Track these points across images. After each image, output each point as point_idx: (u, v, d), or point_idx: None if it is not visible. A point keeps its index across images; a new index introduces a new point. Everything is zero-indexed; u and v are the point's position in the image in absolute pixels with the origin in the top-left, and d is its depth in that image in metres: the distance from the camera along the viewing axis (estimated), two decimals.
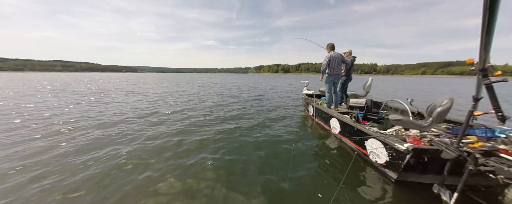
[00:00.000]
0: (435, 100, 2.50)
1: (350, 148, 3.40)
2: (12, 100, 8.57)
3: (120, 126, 4.72)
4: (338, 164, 2.97)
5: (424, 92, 15.95)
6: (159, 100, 9.26)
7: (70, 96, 10.14)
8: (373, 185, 2.41)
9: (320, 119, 4.82)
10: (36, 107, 7.12)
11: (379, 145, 2.56)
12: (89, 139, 3.81)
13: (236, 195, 2.18)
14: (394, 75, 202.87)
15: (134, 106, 7.62)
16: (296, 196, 2.20)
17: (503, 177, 1.62)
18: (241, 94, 12.31)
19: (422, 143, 2.33)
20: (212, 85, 20.44)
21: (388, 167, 2.46)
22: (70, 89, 13.67)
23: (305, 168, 2.80)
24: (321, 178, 2.57)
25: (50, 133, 4.18)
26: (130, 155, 3.13)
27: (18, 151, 3.22)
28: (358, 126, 3.07)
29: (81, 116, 5.73)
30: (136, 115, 5.87)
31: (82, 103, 8.12)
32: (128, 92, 12.35)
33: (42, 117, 5.57)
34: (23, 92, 11.47)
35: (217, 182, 2.43)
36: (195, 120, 5.47)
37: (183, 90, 14.35)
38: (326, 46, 4.40)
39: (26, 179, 2.45)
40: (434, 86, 23.71)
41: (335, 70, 4.32)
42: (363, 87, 5.09)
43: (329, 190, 2.28)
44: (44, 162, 2.90)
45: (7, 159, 2.95)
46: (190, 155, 3.18)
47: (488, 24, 1.31)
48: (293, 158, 3.10)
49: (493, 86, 1.59)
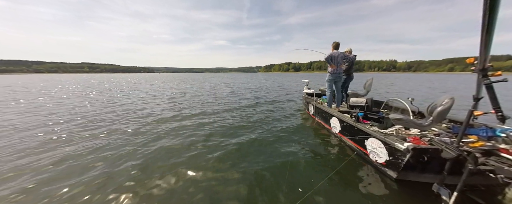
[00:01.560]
0: (435, 100, 2.50)
1: (350, 147, 3.41)
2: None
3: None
4: (337, 163, 2.97)
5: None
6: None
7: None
8: (373, 184, 2.42)
9: (321, 118, 4.82)
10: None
11: (379, 144, 2.56)
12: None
13: (231, 193, 2.21)
14: (416, 73, 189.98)
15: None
16: (293, 194, 2.21)
17: (503, 176, 1.63)
18: (245, 94, 12.32)
19: (422, 142, 2.34)
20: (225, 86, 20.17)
21: (388, 166, 2.47)
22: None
23: (304, 168, 2.81)
24: (321, 178, 2.58)
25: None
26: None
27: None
28: (358, 125, 3.07)
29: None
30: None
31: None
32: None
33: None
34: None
35: (217, 181, 2.45)
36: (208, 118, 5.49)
37: (196, 92, 14.25)
38: (332, 44, 4.39)
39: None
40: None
41: (337, 69, 4.32)
42: (364, 86, 5.08)
43: (328, 190, 2.30)
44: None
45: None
46: (191, 150, 3.22)
47: (488, 24, 1.31)
48: (293, 158, 3.11)
49: (493, 86, 1.59)
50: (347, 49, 4.89)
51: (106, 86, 18.94)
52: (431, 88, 16.90)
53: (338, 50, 4.31)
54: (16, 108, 7.24)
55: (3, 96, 10.89)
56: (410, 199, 2.15)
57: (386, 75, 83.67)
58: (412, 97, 3.86)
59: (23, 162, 2.95)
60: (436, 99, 2.40)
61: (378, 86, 18.95)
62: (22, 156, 3.15)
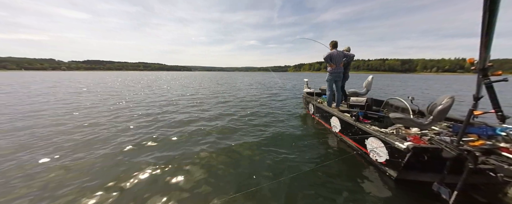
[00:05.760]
0: (436, 99, 2.50)
1: (350, 146, 3.41)
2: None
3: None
4: (337, 163, 2.98)
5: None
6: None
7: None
8: (373, 184, 2.42)
9: (321, 117, 4.83)
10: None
11: (379, 143, 2.56)
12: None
13: (227, 191, 2.21)
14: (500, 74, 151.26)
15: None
16: (292, 193, 2.22)
17: (503, 175, 1.63)
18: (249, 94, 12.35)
19: (422, 141, 2.34)
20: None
21: (388, 166, 2.47)
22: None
23: (304, 168, 2.81)
24: (321, 178, 2.58)
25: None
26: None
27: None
28: (358, 124, 3.07)
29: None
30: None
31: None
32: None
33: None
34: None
35: (216, 179, 2.45)
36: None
37: (224, 91, 14.47)
38: (329, 43, 4.40)
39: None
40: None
41: (337, 68, 4.32)
42: (364, 85, 5.08)
43: (328, 190, 2.30)
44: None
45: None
46: (190, 145, 3.34)
47: (488, 24, 1.31)
48: (292, 157, 3.11)
49: (493, 86, 1.59)
50: (345, 48, 4.89)
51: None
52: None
53: (337, 49, 4.31)
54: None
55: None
56: (411, 198, 2.16)
57: (448, 77, 64.81)
58: (412, 96, 3.86)
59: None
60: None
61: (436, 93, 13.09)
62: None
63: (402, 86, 19.23)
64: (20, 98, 9.04)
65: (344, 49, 4.78)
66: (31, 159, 2.98)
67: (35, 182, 2.40)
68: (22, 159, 2.98)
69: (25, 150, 3.28)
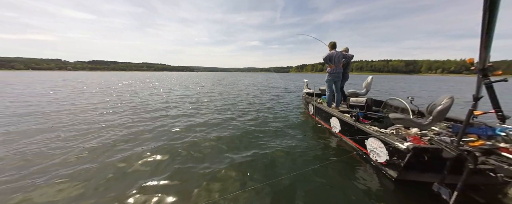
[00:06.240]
0: (435, 99, 2.49)
1: (350, 147, 3.40)
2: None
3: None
4: (337, 163, 2.97)
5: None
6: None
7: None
8: (373, 184, 2.41)
9: (320, 118, 4.82)
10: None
11: (379, 144, 2.56)
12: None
13: (227, 190, 2.21)
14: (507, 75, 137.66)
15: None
16: (292, 193, 2.21)
17: (503, 175, 1.62)
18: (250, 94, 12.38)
19: (422, 141, 2.33)
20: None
21: (388, 166, 2.46)
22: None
23: (303, 168, 2.81)
24: (321, 178, 2.58)
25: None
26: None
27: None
28: (358, 125, 3.07)
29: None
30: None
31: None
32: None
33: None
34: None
35: (216, 178, 2.46)
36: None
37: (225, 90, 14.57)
38: (328, 44, 4.40)
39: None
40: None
41: (336, 69, 4.32)
42: (363, 86, 5.07)
43: (328, 190, 2.29)
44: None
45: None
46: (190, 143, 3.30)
47: (488, 24, 1.31)
48: (292, 157, 3.11)
49: (493, 86, 1.58)
50: (344, 48, 4.88)
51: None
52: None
53: (336, 50, 4.31)
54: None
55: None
56: (411, 198, 2.15)
57: (452, 78, 63.28)
58: (412, 96, 3.84)
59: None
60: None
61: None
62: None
63: (405, 88, 19.05)
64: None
65: (343, 50, 4.77)
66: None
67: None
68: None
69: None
